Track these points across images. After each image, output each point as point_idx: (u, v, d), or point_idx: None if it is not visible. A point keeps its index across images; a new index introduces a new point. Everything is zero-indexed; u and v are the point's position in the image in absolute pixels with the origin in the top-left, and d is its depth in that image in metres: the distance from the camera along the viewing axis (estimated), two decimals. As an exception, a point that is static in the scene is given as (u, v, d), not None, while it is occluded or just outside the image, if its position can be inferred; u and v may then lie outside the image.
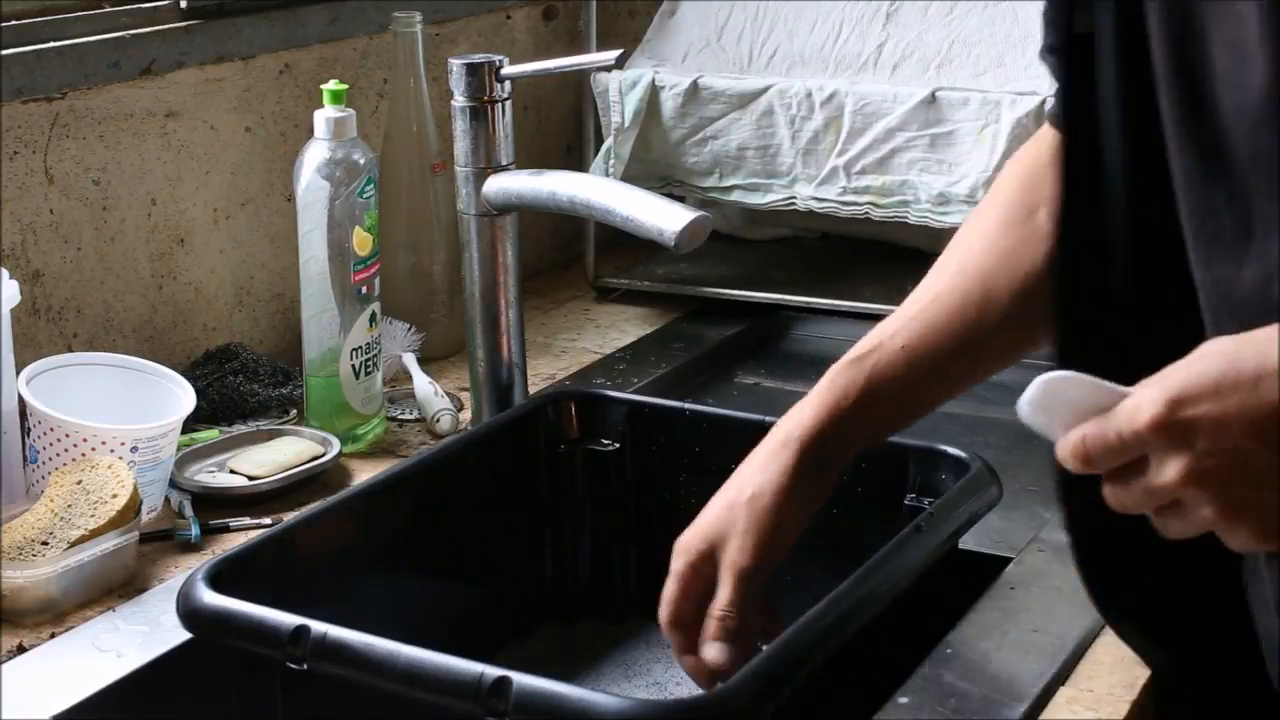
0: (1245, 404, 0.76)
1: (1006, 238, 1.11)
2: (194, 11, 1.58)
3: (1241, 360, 0.76)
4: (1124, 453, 0.79)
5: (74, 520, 1.20)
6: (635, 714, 0.91)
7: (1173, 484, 0.78)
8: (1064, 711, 1.05)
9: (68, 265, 1.50)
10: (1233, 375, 0.76)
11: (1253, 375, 0.76)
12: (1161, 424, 0.77)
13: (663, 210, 1.26)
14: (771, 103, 1.81)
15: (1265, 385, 0.75)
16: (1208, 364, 0.77)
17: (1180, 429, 0.76)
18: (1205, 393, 0.76)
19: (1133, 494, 0.80)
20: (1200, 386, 0.76)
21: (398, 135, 1.70)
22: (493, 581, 1.33)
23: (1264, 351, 0.76)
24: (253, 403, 1.52)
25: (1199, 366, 0.77)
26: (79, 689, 1.08)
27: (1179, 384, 0.77)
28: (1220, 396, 0.76)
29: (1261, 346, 0.77)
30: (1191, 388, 0.76)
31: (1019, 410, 0.84)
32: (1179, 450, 0.77)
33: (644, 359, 1.74)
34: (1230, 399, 0.76)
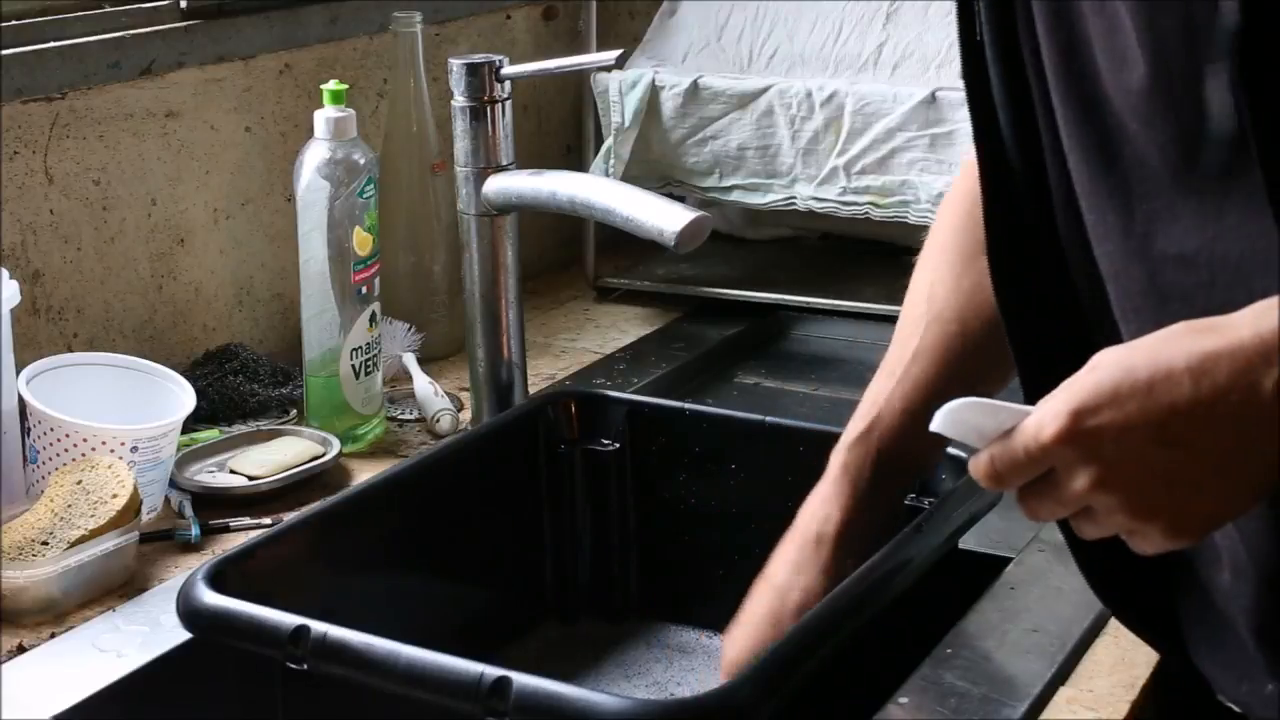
0: (1144, 407, 0.78)
1: (968, 276, 1.12)
2: (194, 11, 1.58)
3: (1135, 367, 0.79)
4: (1032, 468, 0.82)
5: (74, 520, 1.20)
6: (635, 714, 0.91)
7: (1082, 492, 0.80)
8: (1064, 711, 1.05)
9: (68, 265, 1.50)
10: (1129, 382, 0.78)
11: (1147, 380, 0.78)
12: (1066, 436, 0.79)
13: (663, 210, 1.26)
14: (771, 103, 1.81)
15: (1160, 389, 0.78)
16: (1102, 374, 0.79)
17: (1085, 439, 0.79)
18: (1104, 401, 0.79)
19: (1045, 505, 0.83)
20: (1099, 396, 0.79)
21: (398, 135, 1.70)
22: (493, 581, 1.33)
23: (1154, 356, 0.79)
24: (253, 403, 1.52)
25: (1094, 377, 0.80)
26: (79, 689, 1.08)
27: (1078, 396, 0.79)
28: (1119, 403, 0.78)
29: (1151, 352, 0.79)
30: (1090, 398, 0.79)
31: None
32: (1086, 460, 0.79)
33: (644, 359, 1.74)
34: (1129, 404, 0.78)
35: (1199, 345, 0.78)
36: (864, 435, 1.12)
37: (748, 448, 1.33)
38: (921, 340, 1.13)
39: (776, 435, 1.31)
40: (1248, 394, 0.76)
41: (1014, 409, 0.83)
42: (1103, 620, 1.12)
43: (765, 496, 1.30)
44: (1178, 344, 0.79)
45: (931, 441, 1.13)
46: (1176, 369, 0.77)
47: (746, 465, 1.33)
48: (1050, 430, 0.80)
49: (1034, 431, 0.80)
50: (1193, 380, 0.77)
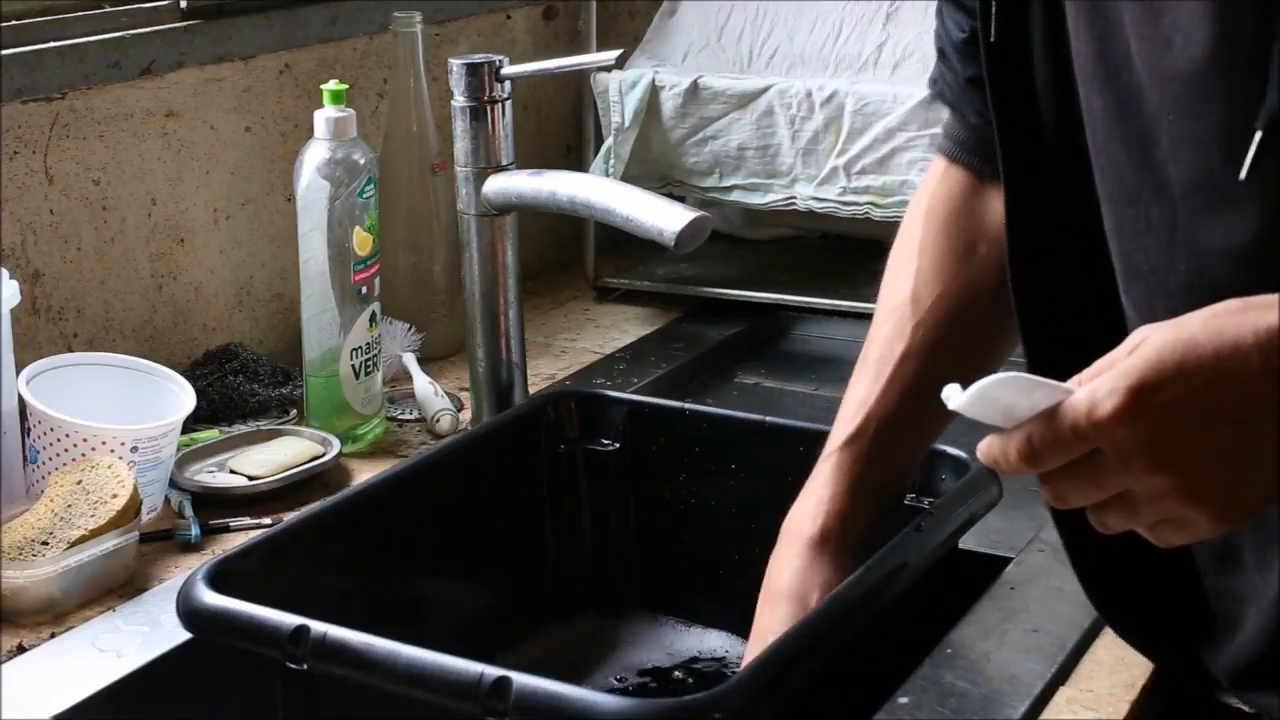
0: (1211, 383, 0.75)
1: (957, 279, 1.12)
2: (194, 11, 1.58)
3: (1197, 342, 0.76)
4: (1077, 446, 0.77)
5: (74, 520, 1.20)
6: (635, 714, 0.91)
7: (1132, 474, 0.77)
8: (1064, 711, 1.05)
9: (68, 265, 1.50)
10: (1194, 356, 0.75)
11: (1213, 355, 0.75)
12: (1125, 413, 0.75)
13: (663, 210, 1.26)
14: (771, 103, 1.81)
15: (1228, 364, 0.75)
16: (1162, 350, 0.76)
17: (1145, 416, 0.75)
18: (1168, 377, 0.75)
19: (1080, 488, 0.79)
20: (1161, 371, 0.76)
21: (398, 135, 1.70)
22: (493, 581, 1.33)
23: (1217, 332, 0.76)
24: (253, 403, 1.52)
25: (1152, 353, 0.76)
26: (79, 689, 1.08)
27: (1137, 371, 0.76)
28: (1184, 379, 0.75)
29: (1211, 327, 0.76)
30: (1152, 374, 0.76)
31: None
32: (1142, 439, 0.76)
33: (644, 359, 1.74)
34: (1196, 380, 0.75)
35: (1264, 320, 0.75)
36: (855, 437, 1.12)
37: (748, 448, 1.33)
38: (910, 343, 1.12)
39: (776, 435, 1.31)
40: None
41: (1054, 385, 0.78)
42: (1103, 620, 1.12)
43: (765, 496, 1.30)
44: (1240, 319, 0.76)
45: (921, 443, 1.14)
46: (1245, 343, 0.75)
47: (746, 465, 1.33)
48: (1107, 407, 0.75)
49: (1086, 408, 0.76)
50: (1262, 355, 0.75)
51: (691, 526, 1.35)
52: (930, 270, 1.13)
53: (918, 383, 1.11)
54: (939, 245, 1.14)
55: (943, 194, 1.14)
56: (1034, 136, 0.97)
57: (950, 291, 1.12)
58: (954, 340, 1.12)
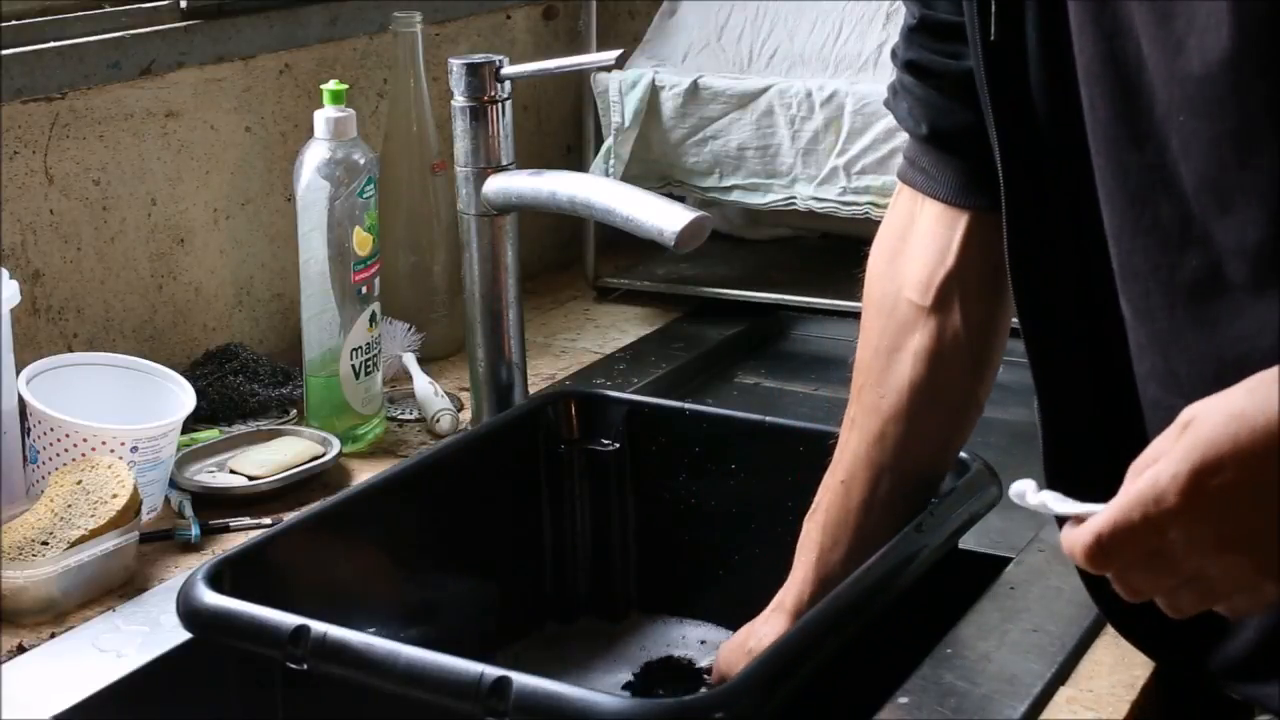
0: (1269, 456, 0.74)
1: (884, 338, 1.13)
2: (194, 11, 1.58)
3: (1247, 414, 0.75)
4: (1151, 538, 0.76)
5: (74, 520, 1.20)
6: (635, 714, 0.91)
7: (1205, 557, 0.76)
8: (1064, 711, 1.05)
9: (68, 265, 1.50)
10: (1247, 431, 0.75)
11: (1265, 426, 0.74)
12: (1190, 498, 0.75)
13: (663, 210, 1.26)
14: (771, 103, 1.81)
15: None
16: (1216, 429, 0.75)
17: (1211, 499, 0.75)
18: (1226, 456, 0.75)
19: (1151, 579, 0.78)
20: (1219, 451, 0.75)
21: (398, 135, 1.70)
22: (493, 581, 1.33)
23: (1265, 402, 0.75)
24: (253, 403, 1.52)
25: (1206, 433, 0.75)
26: (79, 689, 1.08)
27: (1196, 453, 0.75)
28: (1242, 457, 0.74)
29: (1258, 397, 0.76)
30: (1211, 454, 0.75)
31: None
32: (1210, 521, 0.75)
33: (644, 359, 1.74)
34: (1254, 457, 0.74)
35: None
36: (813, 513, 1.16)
37: (748, 448, 1.33)
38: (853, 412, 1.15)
39: (776, 435, 1.31)
40: None
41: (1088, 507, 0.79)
42: (1103, 620, 1.12)
43: (765, 496, 1.30)
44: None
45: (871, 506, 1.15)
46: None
47: (746, 465, 1.33)
48: (1173, 496, 0.75)
49: (1153, 497, 0.75)
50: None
51: (691, 526, 1.36)
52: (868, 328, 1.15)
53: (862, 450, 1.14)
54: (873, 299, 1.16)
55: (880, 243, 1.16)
56: (1031, 135, 0.97)
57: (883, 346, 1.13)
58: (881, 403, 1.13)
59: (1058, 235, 0.98)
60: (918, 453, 1.14)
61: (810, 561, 1.14)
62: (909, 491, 1.14)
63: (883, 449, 1.13)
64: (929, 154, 1.10)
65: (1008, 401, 1.70)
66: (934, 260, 1.10)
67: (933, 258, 1.10)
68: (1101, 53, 0.89)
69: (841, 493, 1.14)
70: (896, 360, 1.12)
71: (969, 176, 1.06)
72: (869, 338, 1.14)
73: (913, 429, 1.12)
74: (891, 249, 1.14)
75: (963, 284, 1.10)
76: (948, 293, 1.10)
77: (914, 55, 1.08)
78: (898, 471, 1.13)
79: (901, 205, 1.14)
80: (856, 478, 1.14)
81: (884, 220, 1.17)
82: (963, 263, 1.09)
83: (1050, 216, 0.98)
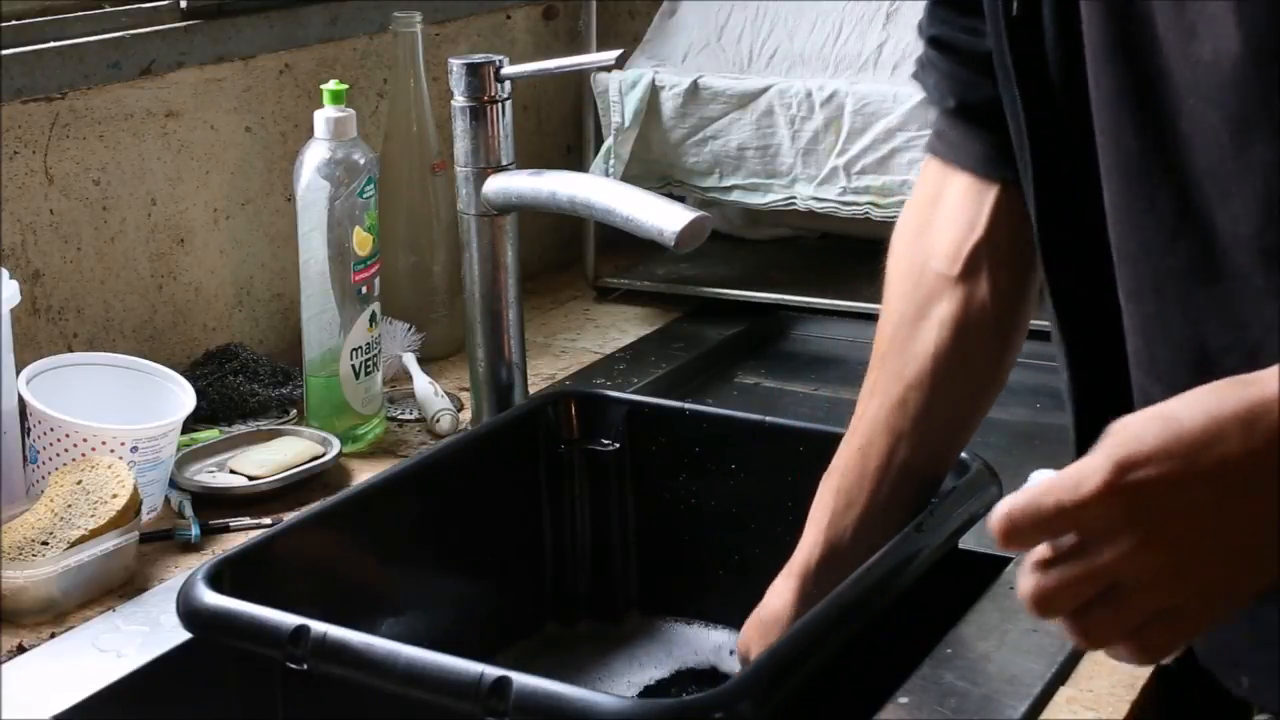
0: (1195, 460, 0.73)
1: (910, 305, 1.13)
2: (194, 11, 1.58)
3: (1179, 417, 0.74)
4: (1061, 524, 0.74)
5: (74, 520, 1.20)
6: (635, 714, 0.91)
7: (1121, 556, 0.73)
8: (1064, 711, 1.05)
9: (68, 265, 1.50)
10: (1174, 432, 0.74)
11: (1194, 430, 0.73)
12: (1110, 489, 0.73)
13: (663, 210, 1.26)
14: (771, 103, 1.81)
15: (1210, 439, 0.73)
16: (1145, 427, 0.74)
17: (1131, 494, 0.73)
18: (1151, 454, 0.73)
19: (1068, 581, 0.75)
20: (1142, 448, 0.73)
21: (398, 135, 1.70)
22: (492, 581, 1.33)
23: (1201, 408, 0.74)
24: (253, 403, 1.52)
25: (1135, 430, 0.74)
26: (79, 689, 1.08)
27: (1121, 449, 0.74)
28: (1167, 457, 0.73)
29: (1195, 404, 0.75)
30: (1135, 450, 0.73)
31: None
32: (1130, 517, 0.73)
33: (644, 359, 1.74)
34: (1178, 458, 0.73)
35: (1246, 395, 0.74)
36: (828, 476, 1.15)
37: (748, 448, 1.33)
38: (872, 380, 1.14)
39: (776, 435, 1.31)
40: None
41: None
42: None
43: (765, 496, 1.30)
44: (1222, 394, 0.75)
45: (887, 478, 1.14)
46: (1225, 418, 0.73)
47: (746, 465, 1.33)
48: (1091, 484, 0.73)
49: (1072, 485, 0.73)
50: (1243, 429, 0.73)
51: (691, 526, 1.35)
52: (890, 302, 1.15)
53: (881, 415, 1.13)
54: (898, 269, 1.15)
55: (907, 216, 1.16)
56: (1052, 113, 0.97)
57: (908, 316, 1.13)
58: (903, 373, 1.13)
59: (1084, 209, 0.97)
60: (938, 422, 1.13)
61: (821, 524, 1.13)
62: (925, 461, 1.14)
63: (903, 415, 1.12)
64: (957, 127, 1.10)
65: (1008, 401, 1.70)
66: (963, 230, 1.09)
67: (961, 228, 1.10)
68: (1113, 32, 0.89)
69: (858, 458, 1.13)
70: (922, 329, 1.11)
71: (997, 149, 1.05)
72: (894, 306, 1.14)
73: (935, 397, 1.11)
74: (919, 221, 1.13)
75: (992, 253, 1.09)
76: (976, 262, 1.09)
77: (937, 31, 1.08)
78: (916, 439, 1.12)
79: (929, 178, 1.14)
80: (874, 443, 1.13)
81: (911, 195, 1.16)
82: (992, 233, 1.09)
83: (1075, 190, 0.97)
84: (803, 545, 1.14)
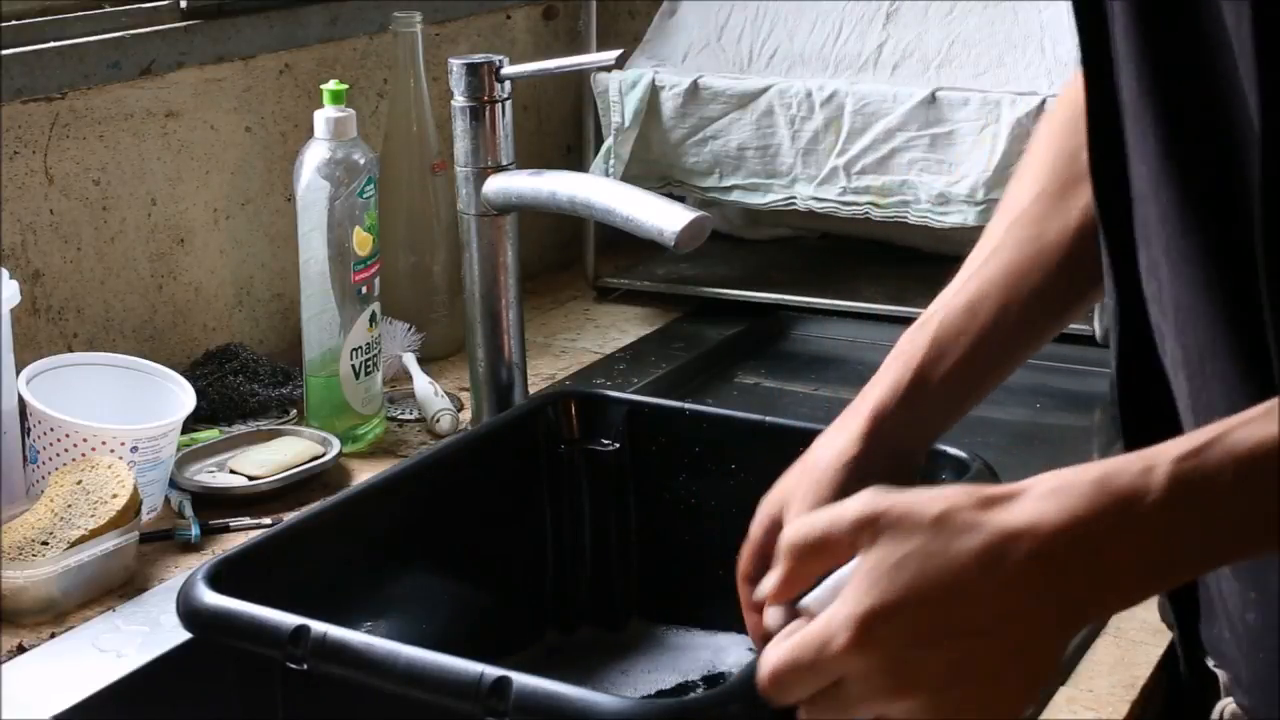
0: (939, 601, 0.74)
1: (1056, 180, 1.08)
2: (194, 11, 1.58)
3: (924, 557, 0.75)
4: (819, 678, 0.76)
5: (74, 520, 1.20)
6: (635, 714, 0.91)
7: (882, 697, 0.75)
8: (1064, 711, 1.05)
9: (68, 265, 1.50)
10: (921, 577, 0.74)
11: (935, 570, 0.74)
12: (860, 643, 0.74)
13: (663, 210, 1.26)
14: (771, 103, 1.81)
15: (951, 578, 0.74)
16: (896, 574, 0.75)
17: (881, 644, 0.75)
18: (898, 603, 0.74)
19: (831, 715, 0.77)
20: (892, 597, 0.74)
21: (398, 135, 1.70)
22: (492, 581, 1.33)
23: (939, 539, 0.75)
24: (253, 403, 1.52)
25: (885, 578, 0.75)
26: (79, 689, 1.08)
27: (870, 601, 0.75)
28: (913, 603, 0.74)
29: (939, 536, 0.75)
30: (883, 600, 0.74)
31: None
32: (881, 664, 0.75)
33: (644, 359, 1.74)
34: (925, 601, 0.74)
35: (984, 529, 0.74)
36: (922, 324, 1.08)
37: (748, 448, 1.33)
38: (996, 243, 1.09)
39: (776, 435, 1.31)
40: (1045, 574, 0.74)
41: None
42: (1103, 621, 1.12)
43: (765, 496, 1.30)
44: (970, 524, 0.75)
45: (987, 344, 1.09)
46: (964, 556, 0.74)
47: (746, 465, 1.33)
48: (841, 640, 0.75)
49: (823, 641, 0.75)
50: (980, 565, 0.74)
51: (691, 526, 1.35)
52: (1038, 169, 1.10)
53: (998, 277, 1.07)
54: (1049, 147, 1.10)
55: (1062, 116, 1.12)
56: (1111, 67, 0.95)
57: (1048, 192, 1.07)
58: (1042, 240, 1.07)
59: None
60: (1053, 301, 1.08)
61: (908, 367, 1.07)
62: (1024, 339, 1.09)
63: (1024, 283, 1.06)
64: None
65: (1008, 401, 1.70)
66: None
67: None
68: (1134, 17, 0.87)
69: (965, 314, 1.07)
70: (1064, 206, 1.07)
71: None
72: (1036, 177, 1.09)
73: (1060, 274, 1.06)
74: (1077, 111, 1.11)
75: None
76: None
77: None
78: (1026, 310, 1.07)
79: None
80: (987, 302, 1.07)
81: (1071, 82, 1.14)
82: None
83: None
84: (874, 389, 1.07)
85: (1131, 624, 1.16)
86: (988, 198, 1.72)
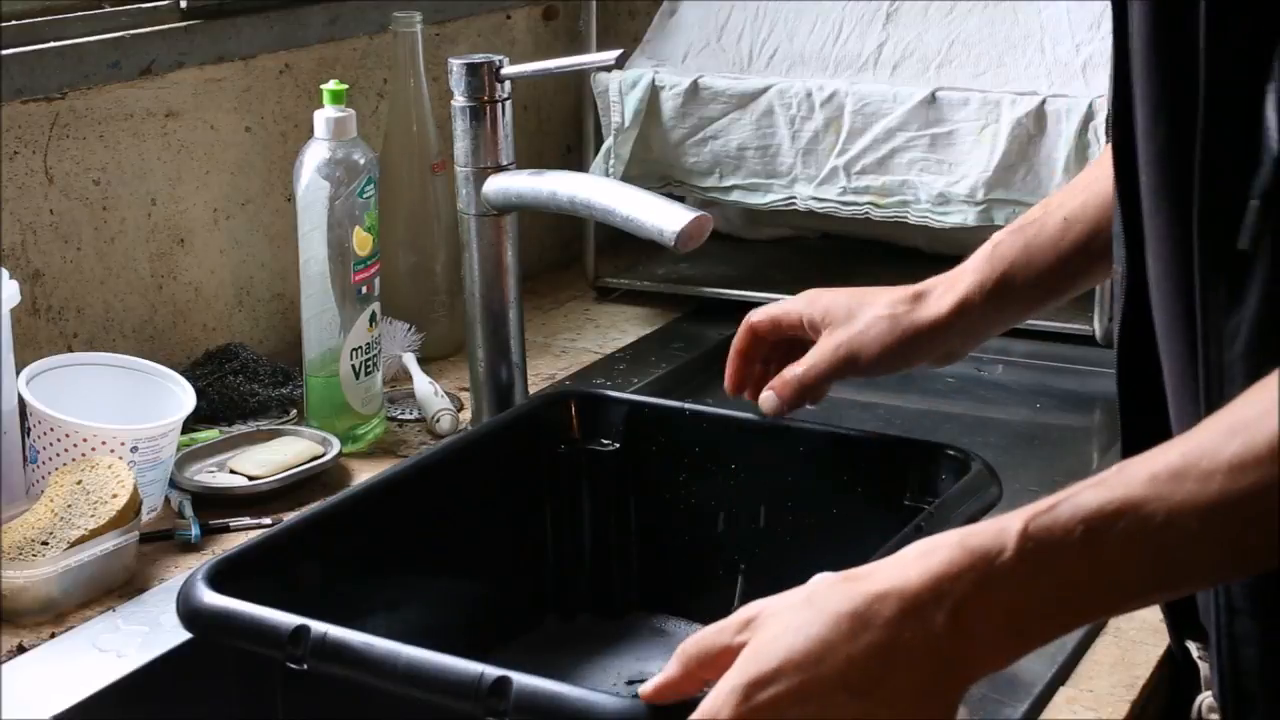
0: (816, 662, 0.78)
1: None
2: (194, 11, 1.59)
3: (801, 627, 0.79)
4: None
5: (74, 520, 1.20)
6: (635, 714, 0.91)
7: None
8: (1064, 711, 1.05)
9: (68, 265, 1.50)
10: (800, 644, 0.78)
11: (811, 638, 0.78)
12: (744, 714, 0.78)
13: (663, 210, 1.26)
14: (771, 103, 1.81)
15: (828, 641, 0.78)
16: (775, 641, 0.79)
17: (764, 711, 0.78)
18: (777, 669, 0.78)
19: None
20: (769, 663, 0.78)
21: (398, 135, 1.70)
22: (493, 582, 1.33)
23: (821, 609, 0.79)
24: (253, 403, 1.52)
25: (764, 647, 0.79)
26: (79, 689, 1.08)
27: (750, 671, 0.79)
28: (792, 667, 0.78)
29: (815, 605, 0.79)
30: (762, 668, 0.79)
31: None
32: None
33: (644, 359, 1.74)
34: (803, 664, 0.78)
35: (857, 593, 0.78)
36: (1020, 229, 1.12)
37: (748, 448, 1.33)
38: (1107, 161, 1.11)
39: (777, 435, 1.31)
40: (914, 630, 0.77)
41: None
42: (1103, 620, 1.12)
43: (765, 496, 1.30)
44: (844, 590, 0.79)
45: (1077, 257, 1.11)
46: (842, 619, 0.78)
47: (746, 465, 1.33)
48: (726, 712, 0.79)
49: (712, 712, 0.80)
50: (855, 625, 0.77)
51: (691, 526, 1.35)
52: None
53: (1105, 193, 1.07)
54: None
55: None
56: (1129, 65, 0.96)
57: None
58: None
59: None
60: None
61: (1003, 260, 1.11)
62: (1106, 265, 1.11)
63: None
64: None
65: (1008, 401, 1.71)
66: None
67: None
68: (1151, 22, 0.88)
69: (1061, 226, 1.10)
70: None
71: None
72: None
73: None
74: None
75: None
76: None
77: None
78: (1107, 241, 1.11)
79: None
80: (1080, 222, 1.10)
81: None
82: None
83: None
84: (965, 270, 1.12)
85: (1131, 624, 1.16)
86: (988, 198, 1.72)
